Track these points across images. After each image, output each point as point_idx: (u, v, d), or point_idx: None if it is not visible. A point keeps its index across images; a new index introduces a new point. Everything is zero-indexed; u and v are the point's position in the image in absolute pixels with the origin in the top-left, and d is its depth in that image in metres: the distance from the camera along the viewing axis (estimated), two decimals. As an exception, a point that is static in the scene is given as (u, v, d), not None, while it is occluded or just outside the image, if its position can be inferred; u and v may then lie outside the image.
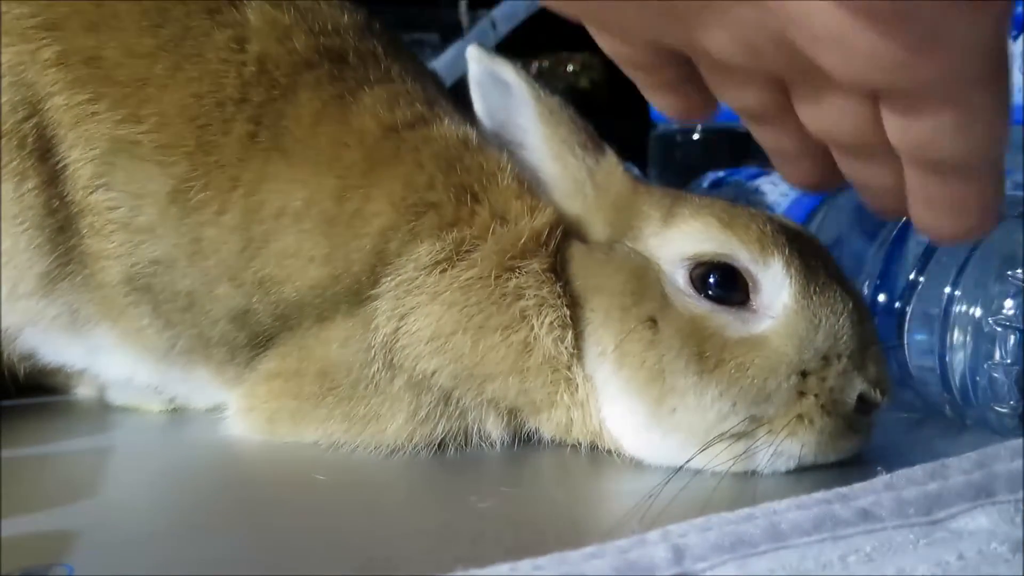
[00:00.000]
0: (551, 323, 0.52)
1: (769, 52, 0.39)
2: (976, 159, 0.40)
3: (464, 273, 0.52)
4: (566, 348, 0.52)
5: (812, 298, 0.49)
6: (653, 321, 0.50)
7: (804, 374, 0.49)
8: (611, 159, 0.55)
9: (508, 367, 0.52)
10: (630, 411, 0.51)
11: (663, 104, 0.49)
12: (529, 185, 0.55)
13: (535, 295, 0.52)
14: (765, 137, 0.48)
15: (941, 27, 0.33)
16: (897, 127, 0.39)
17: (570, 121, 0.55)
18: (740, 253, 0.50)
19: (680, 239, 0.51)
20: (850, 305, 0.50)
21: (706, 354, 0.49)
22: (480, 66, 0.56)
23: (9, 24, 0.53)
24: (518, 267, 0.52)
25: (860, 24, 0.34)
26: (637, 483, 0.49)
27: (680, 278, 0.51)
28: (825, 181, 0.47)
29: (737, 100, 0.46)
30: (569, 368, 0.53)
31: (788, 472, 0.50)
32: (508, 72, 0.55)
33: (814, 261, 0.50)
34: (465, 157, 0.54)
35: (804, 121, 0.44)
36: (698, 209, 0.51)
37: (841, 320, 0.49)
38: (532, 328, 0.52)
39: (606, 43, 0.45)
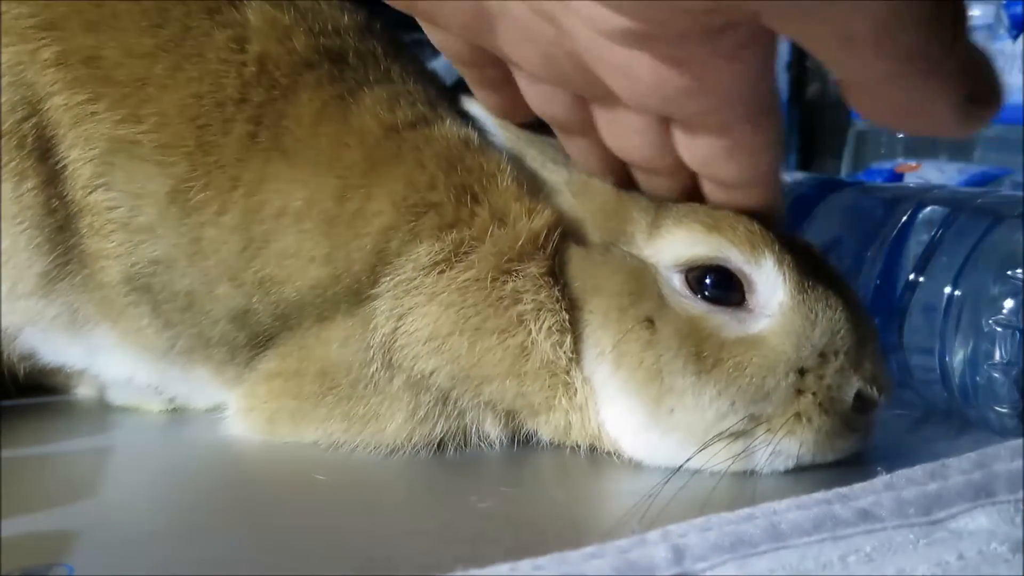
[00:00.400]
0: (549, 328, 0.52)
1: (568, 69, 0.44)
2: (747, 180, 0.48)
3: (461, 275, 0.52)
4: (565, 353, 0.52)
5: (807, 294, 0.49)
6: (650, 321, 0.50)
7: (802, 372, 0.49)
8: (581, 170, 0.55)
9: (505, 370, 0.52)
10: (628, 412, 0.51)
11: (486, 101, 0.55)
12: (528, 187, 0.55)
13: (533, 299, 0.52)
14: (572, 147, 0.53)
15: (706, 72, 0.40)
16: (682, 147, 0.47)
17: (540, 141, 0.55)
18: (731, 254, 0.50)
19: (669, 246, 0.51)
20: (845, 303, 0.50)
21: (704, 354, 0.49)
22: None
23: (8, 24, 0.53)
24: (515, 270, 0.52)
25: (643, 59, 0.40)
26: (637, 483, 0.49)
27: (676, 281, 0.51)
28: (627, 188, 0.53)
29: (546, 110, 0.51)
30: (568, 372, 0.53)
31: (787, 472, 0.50)
32: (472, 106, 0.57)
33: (806, 259, 0.50)
34: (466, 158, 0.54)
35: (603, 137, 0.50)
36: (682, 215, 0.51)
37: (837, 315, 0.49)
38: (530, 333, 0.52)
39: (433, 36, 0.50)
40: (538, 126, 0.55)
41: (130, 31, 0.54)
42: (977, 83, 0.39)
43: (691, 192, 0.51)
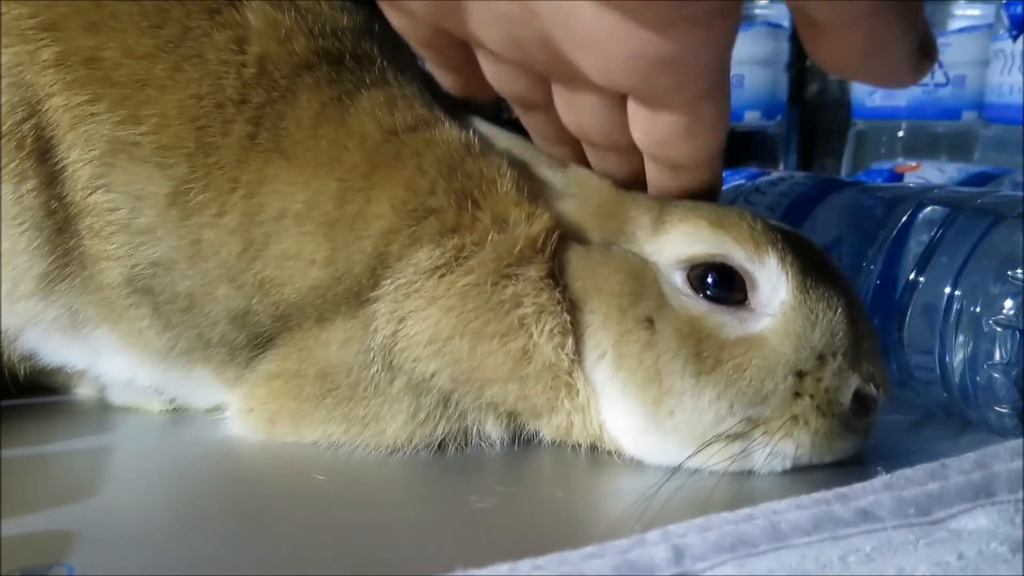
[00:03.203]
0: (551, 331, 0.52)
1: (534, 50, 0.45)
2: (698, 160, 0.49)
3: (461, 279, 0.52)
4: (567, 355, 0.52)
5: (809, 293, 0.49)
6: (650, 322, 0.50)
7: (800, 374, 0.49)
8: (578, 171, 0.55)
9: (506, 373, 0.52)
10: (629, 413, 0.51)
11: (448, 82, 0.56)
12: (528, 191, 0.55)
13: (534, 303, 0.52)
14: (530, 122, 0.55)
15: (686, 39, 0.41)
16: (640, 127, 0.47)
17: (532, 148, 0.56)
18: (735, 252, 0.50)
19: (673, 243, 0.51)
20: (845, 302, 0.50)
21: (703, 355, 0.49)
22: None
23: (8, 24, 0.53)
24: (515, 274, 0.52)
25: (622, 29, 0.40)
26: (637, 482, 0.49)
27: (678, 279, 0.51)
28: (581, 162, 0.56)
29: (507, 88, 0.52)
30: (570, 374, 0.53)
31: (787, 472, 0.50)
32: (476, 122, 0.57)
33: (807, 257, 0.50)
34: (467, 162, 0.54)
35: (561, 115, 0.51)
36: (687, 212, 0.51)
37: (837, 316, 0.49)
38: (531, 336, 0.52)
39: (393, 18, 0.51)
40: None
41: (130, 32, 0.54)
42: (928, 34, 0.41)
43: (640, 172, 0.53)
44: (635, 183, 0.54)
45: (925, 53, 0.41)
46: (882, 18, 0.38)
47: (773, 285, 0.50)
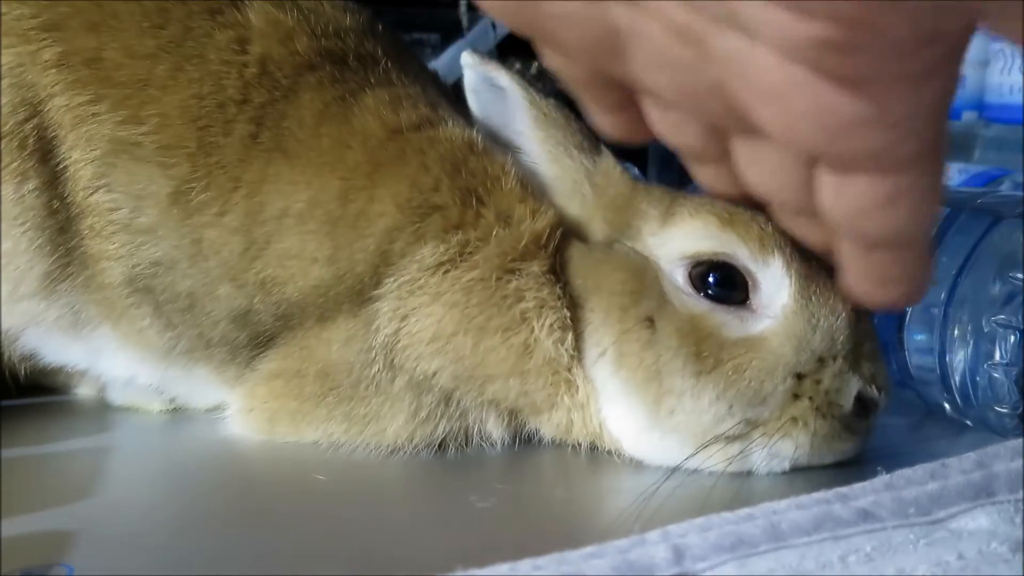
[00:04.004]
0: (551, 325, 0.52)
1: (706, 99, 0.39)
2: (903, 235, 0.40)
3: (466, 275, 0.52)
4: (566, 350, 0.52)
5: (811, 298, 0.49)
6: (651, 321, 0.50)
7: (799, 376, 0.49)
8: (608, 159, 0.55)
9: (508, 368, 0.52)
10: (629, 411, 0.52)
11: (606, 125, 0.48)
12: (532, 188, 0.55)
13: (535, 297, 0.52)
14: (703, 176, 0.49)
15: (888, 98, 0.33)
16: (827, 194, 0.39)
17: (565, 123, 0.55)
18: (740, 251, 0.50)
19: (679, 238, 0.51)
20: (848, 306, 0.50)
21: (704, 354, 0.49)
22: (475, 72, 0.56)
23: (9, 25, 0.53)
24: (518, 269, 0.52)
25: (808, 83, 0.33)
26: (637, 482, 0.49)
27: (679, 277, 0.51)
28: None
29: (673, 138, 0.46)
30: (569, 370, 0.53)
31: (787, 472, 0.50)
32: (502, 76, 0.55)
33: (814, 261, 0.50)
34: (470, 160, 0.54)
35: (740, 173, 0.44)
36: (697, 207, 0.51)
37: (839, 321, 0.49)
38: (532, 330, 0.52)
39: (550, 60, 0.45)
40: (569, 105, 0.53)
41: (131, 32, 0.54)
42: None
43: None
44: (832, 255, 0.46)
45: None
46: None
47: (776, 287, 0.50)
